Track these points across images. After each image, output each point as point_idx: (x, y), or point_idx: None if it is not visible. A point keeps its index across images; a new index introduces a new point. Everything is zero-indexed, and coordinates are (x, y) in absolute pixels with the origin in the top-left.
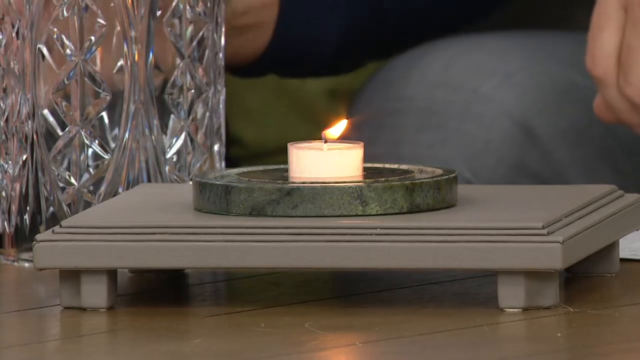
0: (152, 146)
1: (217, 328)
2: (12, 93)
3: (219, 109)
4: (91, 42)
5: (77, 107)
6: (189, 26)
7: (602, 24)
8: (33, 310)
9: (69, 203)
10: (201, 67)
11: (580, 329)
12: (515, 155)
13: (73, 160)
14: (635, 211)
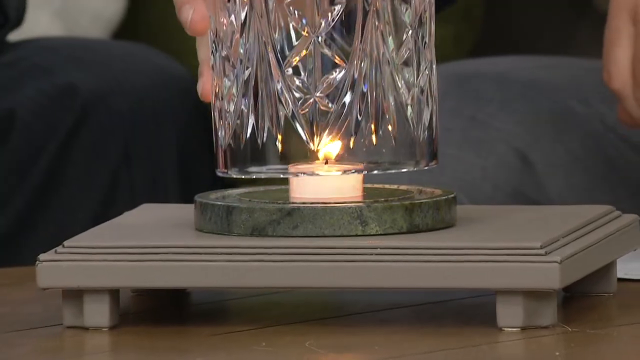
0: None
1: (219, 347)
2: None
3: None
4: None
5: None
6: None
7: (613, 38)
8: (35, 330)
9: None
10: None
11: (578, 349)
12: (512, 182)
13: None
14: (632, 231)
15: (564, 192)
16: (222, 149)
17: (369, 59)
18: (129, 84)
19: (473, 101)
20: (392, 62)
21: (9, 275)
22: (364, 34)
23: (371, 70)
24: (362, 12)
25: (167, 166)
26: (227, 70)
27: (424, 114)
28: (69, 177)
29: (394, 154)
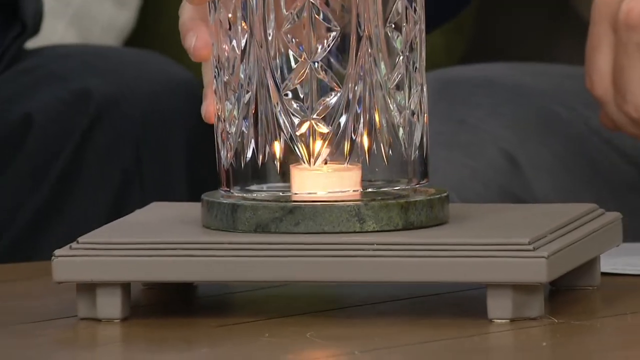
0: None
1: (224, 338)
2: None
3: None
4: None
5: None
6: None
7: (595, 46)
8: (51, 321)
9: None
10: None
11: (564, 339)
12: (501, 182)
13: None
14: (615, 228)
15: (550, 192)
16: (224, 168)
17: (363, 82)
18: (140, 89)
19: (463, 106)
20: (384, 85)
21: (27, 270)
22: (358, 59)
23: (365, 94)
24: (356, 39)
25: (176, 167)
26: (229, 94)
27: (415, 135)
28: (83, 177)
29: (387, 172)
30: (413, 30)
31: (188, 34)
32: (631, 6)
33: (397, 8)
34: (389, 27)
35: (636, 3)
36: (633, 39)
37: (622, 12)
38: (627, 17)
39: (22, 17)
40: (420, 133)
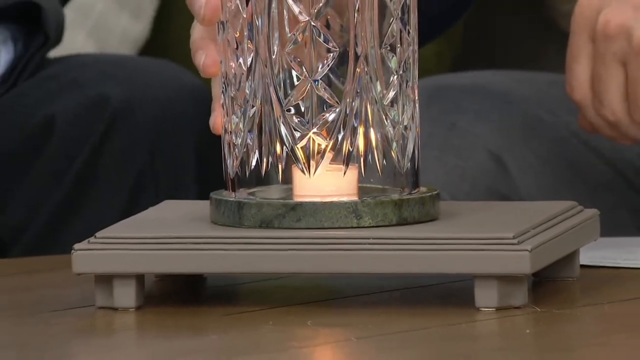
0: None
1: (231, 325)
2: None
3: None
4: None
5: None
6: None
7: (574, 55)
8: (71, 310)
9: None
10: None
11: (546, 327)
12: (488, 181)
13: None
14: (593, 224)
15: (534, 190)
16: (230, 176)
17: (360, 99)
18: (153, 95)
19: (453, 110)
20: (379, 102)
21: (48, 263)
22: (355, 77)
23: (361, 109)
24: (353, 59)
25: (186, 168)
26: (235, 108)
27: (408, 148)
28: (101, 176)
29: (381, 183)
30: (407, 51)
31: (198, 52)
32: (608, 18)
33: (392, 31)
34: (385, 49)
35: (612, 15)
36: (610, 49)
37: (600, 24)
38: (605, 28)
39: (45, 28)
40: (412, 146)
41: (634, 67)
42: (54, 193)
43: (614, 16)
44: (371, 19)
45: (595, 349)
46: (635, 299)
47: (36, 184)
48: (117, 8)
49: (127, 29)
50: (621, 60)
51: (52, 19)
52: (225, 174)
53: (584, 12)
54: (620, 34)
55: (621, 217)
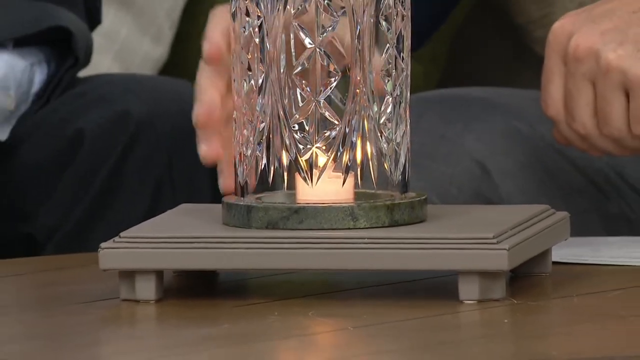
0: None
1: (241, 316)
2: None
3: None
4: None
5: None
6: (393, 21)
7: (549, 76)
8: (98, 302)
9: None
10: (402, 50)
11: (522, 317)
12: (473, 186)
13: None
14: (564, 225)
15: (513, 194)
16: (240, 184)
17: (358, 117)
18: (171, 110)
19: (442, 123)
20: (375, 120)
21: (77, 260)
22: (354, 99)
23: (359, 127)
24: (353, 82)
25: (201, 175)
26: (246, 123)
27: (399, 162)
28: (124, 184)
29: (375, 188)
30: (401, 76)
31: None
32: (578, 42)
33: (388, 57)
34: (381, 73)
35: (582, 40)
36: (580, 70)
37: (571, 48)
38: (575, 51)
39: (76, 52)
40: (403, 158)
41: (601, 86)
42: (83, 198)
43: (583, 40)
44: (370, 46)
45: (565, 336)
46: (601, 292)
47: (67, 189)
48: (140, 34)
49: (149, 52)
50: (590, 80)
51: (82, 43)
52: (236, 181)
53: (557, 37)
54: (589, 56)
55: (591, 219)
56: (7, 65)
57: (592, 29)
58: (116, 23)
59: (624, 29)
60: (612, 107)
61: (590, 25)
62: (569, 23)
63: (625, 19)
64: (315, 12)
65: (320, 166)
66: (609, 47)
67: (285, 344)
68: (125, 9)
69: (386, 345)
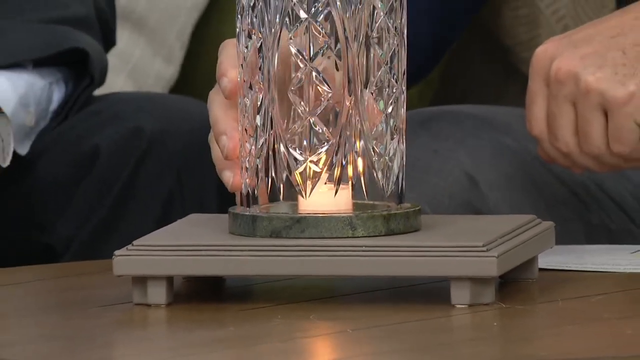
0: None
1: (246, 319)
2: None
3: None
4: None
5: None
6: (385, 42)
7: (532, 97)
8: (112, 306)
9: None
10: (394, 69)
11: (510, 320)
12: (463, 197)
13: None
14: (549, 234)
15: (501, 205)
16: (243, 194)
17: (351, 134)
18: (181, 127)
19: (435, 138)
20: (366, 137)
21: (93, 267)
22: (347, 115)
23: (351, 143)
24: (346, 99)
25: (208, 187)
26: (247, 138)
27: (393, 174)
28: (137, 196)
29: (373, 200)
30: (393, 95)
31: (224, 172)
32: (559, 66)
33: (380, 76)
34: (375, 91)
35: (563, 64)
36: (561, 92)
37: (553, 71)
38: (557, 74)
39: (91, 72)
40: (397, 171)
41: (581, 106)
42: (98, 209)
43: (564, 64)
44: (363, 66)
45: (551, 338)
46: (585, 297)
47: (83, 201)
48: (152, 54)
49: (160, 71)
50: (571, 101)
51: (97, 63)
52: (241, 192)
53: (540, 61)
54: (570, 79)
55: (574, 228)
56: (28, 84)
57: (572, 53)
58: (130, 44)
59: (603, 53)
60: (592, 127)
61: (571, 50)
62: (551, 48)
63: (604, 43)
64: (309, 35)
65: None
66: (588, 70)
67: (288, 346)
68: (138, 31)
69: (383, 346)
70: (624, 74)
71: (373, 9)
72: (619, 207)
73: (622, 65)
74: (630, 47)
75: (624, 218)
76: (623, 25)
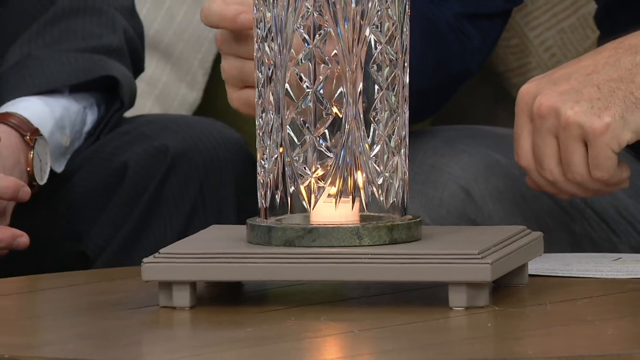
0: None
1: (262, 320)
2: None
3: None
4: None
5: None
6: (386, 68)
7: (519, 132)
8: (140, 308)
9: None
10: (393, 94)
11: (503, 321)
12: (459, 208)
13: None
14: (538, 243)
15: (494, 216)
16: (261, 206)
17: (350, 151)
18: (203, 145)
19: (433, 154)
20: (366, 154)
21: (123, 273)
22: (347, 135)
23: (351, 160)
24: (345, 120)
25: (228, 200)
26: (264, 155)
27: (393, 188)
28: (162, 208)
29: (379, 212)
30: (392, 117)
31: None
32: (541, 102)
33: (379, 99)
34: (372, 115)
35: (544, 100)
36: (544, 125)
37: (535, 107)
38: (539, 110)
39: (122, 97)
40: (398, 186)
41: (563, 138)
42: (127, 220)
43: (545, 100)
44: (363, 90)
45: (539, 338)
46: (571, 300)
47: (114, 213)
48: (177, 80)
49: (185, 96)
50: (554, 134)
51: (127, 89)
52: (260, 203)
53: (524, 98)
54: (551, 113)
55: (559, 237)
56: (64, 108)
57: (552, 91)
58: (157, 71)
59: (580, 89)
60: (574, 156)
61: (550, 87)
62: (533, 86)
63: (580, 80)
64: (312, 61)
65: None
66: (567, 105)
67: (300, 345)
68: (165, 59)
69: (387, 345)
70: (599, 107)
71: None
72: (601, 218)
73: (597, 99)
74: (604, 83)
75: (606, 229)
76: (596, 64)
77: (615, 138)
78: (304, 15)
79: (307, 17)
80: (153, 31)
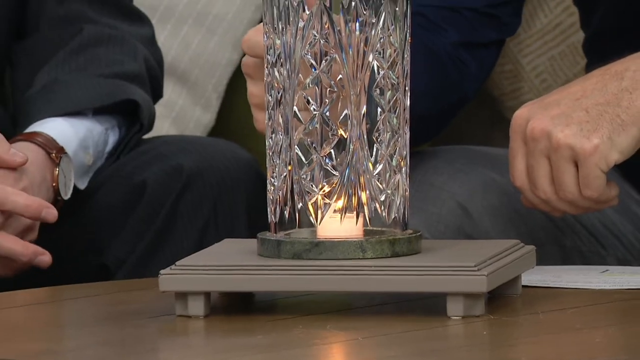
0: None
1: (272, 329)
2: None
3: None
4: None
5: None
6: (388, 92)
7: (513, 154)
8: (157, 317)
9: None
10: (394, 116)
11: (498, 329)
12: (457, 224)
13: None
14: (531, 256)
15: (489, 230)
16: (271, 221)
17: (354, 170)
18: (217, 165)
19: (431, 174)
20: (369, 172)
21: (141, 284)
22: (352, 154)
23: (355, 178)
24: (350, 141)
25: (240, 216)
26: (274, 173)
27: (395, 205)
28: (178, 224)
29: (381, 226)
30: (394, 138)
31: None
32: (534, 126)
33: (382, 121)
34: (375, 135)
35: (537, 124)
36: (537, 147)
37: (528, 130)
38: (532, 133)
39: (141, 119)
40: (399, 203)
41: (555, 159)
42: (146, 234)
43: (537, 124)
44: (366, 112)
45: (532, 345)
46: (562, 310)
47: (133, 228)
48: (192, 104)
49: (199, 118)
50: (546, 155)
51: (147, 112)
52: (270, 218)
53: (517, 122)
54: (543, 136)
55: (551, 251)
56: (87, 129)
57: (544, 115)
58: (174, 95)
59: (569, 113)
60: (565, 176)
61: (542, 112)
62: (526, 111)
63: (570, 105)
64: (318, 85)
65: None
66: (558, 128)
67: (308, 351)
68: (181, 84)
69: (389, 352)
70: (588, 130)
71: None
72: (590, 233)
73: (586, 122)
74: (592, 107)
75: (594, 243)
76: (585, 90)
77: (603, 158)
78: (311, 42)
79: (314, 44)
80: (170, 58)
